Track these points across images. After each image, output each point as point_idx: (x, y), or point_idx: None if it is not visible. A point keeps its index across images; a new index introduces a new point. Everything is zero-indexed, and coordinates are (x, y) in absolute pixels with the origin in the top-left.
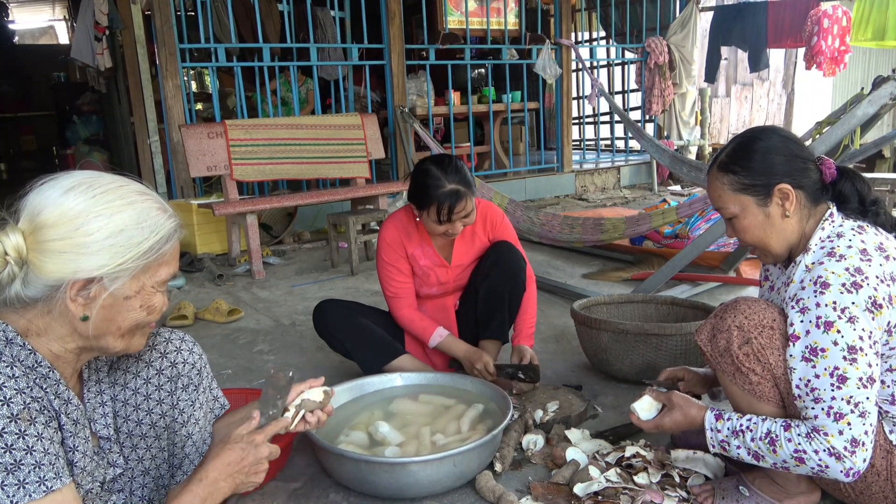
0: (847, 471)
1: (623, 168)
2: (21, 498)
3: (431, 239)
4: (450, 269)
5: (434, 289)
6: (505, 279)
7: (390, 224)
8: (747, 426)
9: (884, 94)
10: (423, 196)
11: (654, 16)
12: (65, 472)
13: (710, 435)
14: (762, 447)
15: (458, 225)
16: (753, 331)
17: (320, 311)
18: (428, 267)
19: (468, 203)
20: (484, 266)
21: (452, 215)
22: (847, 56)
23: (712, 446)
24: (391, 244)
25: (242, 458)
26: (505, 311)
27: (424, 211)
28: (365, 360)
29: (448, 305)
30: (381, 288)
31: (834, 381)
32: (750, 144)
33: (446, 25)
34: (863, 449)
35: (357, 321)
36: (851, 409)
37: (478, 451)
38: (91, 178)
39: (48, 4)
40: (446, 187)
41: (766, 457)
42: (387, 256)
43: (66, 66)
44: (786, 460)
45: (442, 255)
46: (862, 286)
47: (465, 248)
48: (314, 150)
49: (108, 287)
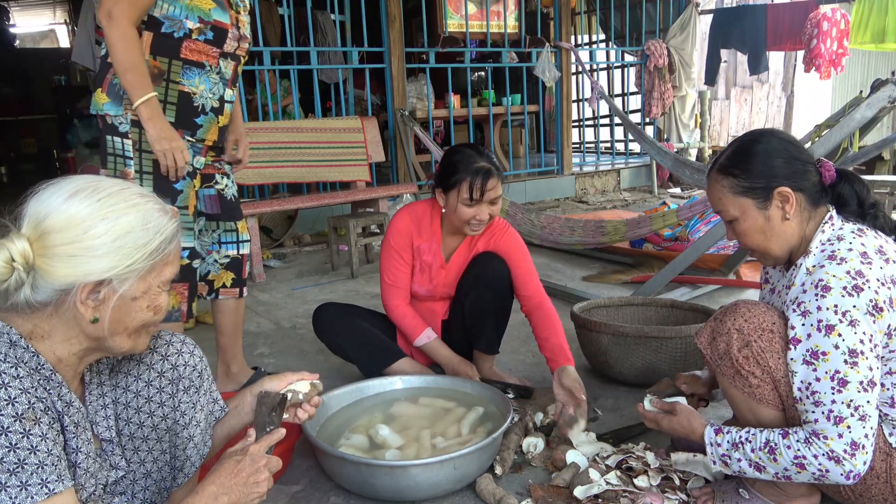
0: (847, 474)
1: (623, 171)
2: (23, 499)
3: (441, 238)
4: (445, 269)
5: (424, 288)
6: (487, 296)
7: (405, 213)
8: (746, 437)
9: (882, 97)
10: (453, 173)
11: (653, 19)
12: (66, 475)
13: (711, 450)
14: (762, 457)
15: (485, 212)
16: (753, 334)
17: (320, 315)
18: (427, 263)
19: (499, 185)
20: (467, 280)
21: (484, 193)
22: (845, 59)
23: (713, 462)
24: (401, 231)
25: (239, 469)
26: (491, 328)
27: (455, 190)
28: (365, 363)
29: (437, 311)
30: (380, 274)
31: (835, 385)
32: (749, 147)
33: (446, 28)
34: (863, 452)
35: (357, 324)
36: (851, 413)
37: (478, 454)
38: (93, 183)
39: (49, 8)
40: (479, 163)
41: (767, 467)
42: (394, 242)
43: (67, 69)
44: (787, 468)
45: (444, 255)
46: (863, 289)
47: (466, 253)
48: (314, 154)
49: (118, 289)
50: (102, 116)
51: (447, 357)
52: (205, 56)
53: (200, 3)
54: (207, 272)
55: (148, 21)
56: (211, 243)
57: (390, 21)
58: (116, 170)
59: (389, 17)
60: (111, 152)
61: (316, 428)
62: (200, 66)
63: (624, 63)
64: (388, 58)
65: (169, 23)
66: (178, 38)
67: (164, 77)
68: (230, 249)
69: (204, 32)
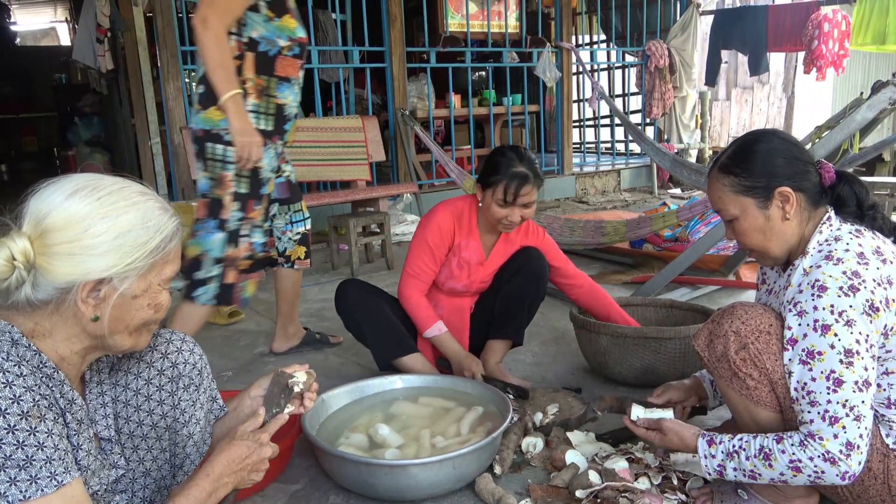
0: (843, 474)
1: (623, 171)
2: (34, 493)
3: (479, 234)
4: (484, 266)
5: (462, 284)
6: (530, 283)
7: (447, 209)
8: (740, 446)
9: (883, 98)
10: (493, 172)
11: (654, 19)
12: (73, 466)
13: (706, 462)
14: (757, 464)
15: (517, 214)
16: (750, 336)
17: (344, 289)
18: (466, 260)
19: (533, 191)
20: (510, 267)
21: (518, 197)
22: (846, 60)
23: (708, 473)
24: (442, 229)
25: (247, 456)
26: (524, 314)
27: (491, 189)
28: (378, 349)
29: (465, 307)
30: (406, 263)
31: (830, 385)
32: (751, 147)
33: (447, 28)
34: (858, 452)
35: (378, 307)
36: (847, 413)
37: (477, 454)
38: (93, 181)
39: (50, 6)
40: (518, 167)
41: (762, 473)
42: (431, 239)
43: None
44: (783, 472)
45: (484, 251)
46: (859, 289)
47: (504, 250)
48: (315, 153)
49: (118, 287)
50: (207, 129)
51: (455, 350)
52: (291, 70)
53: (287, 24)
54: (284, 249)
55: (249, 43)
56: (285, 224)
57: (391, 20)
58: (215, 173)
59: (390, 16)
60: (211, 157)
61: (315, 427)
62: (288, 81)
63: (624, 63)
64: (388, 57)
65: (265, 42)
66: (272, 56)
67: (265, 92)
68: (300, 227)
69: (292, 49)
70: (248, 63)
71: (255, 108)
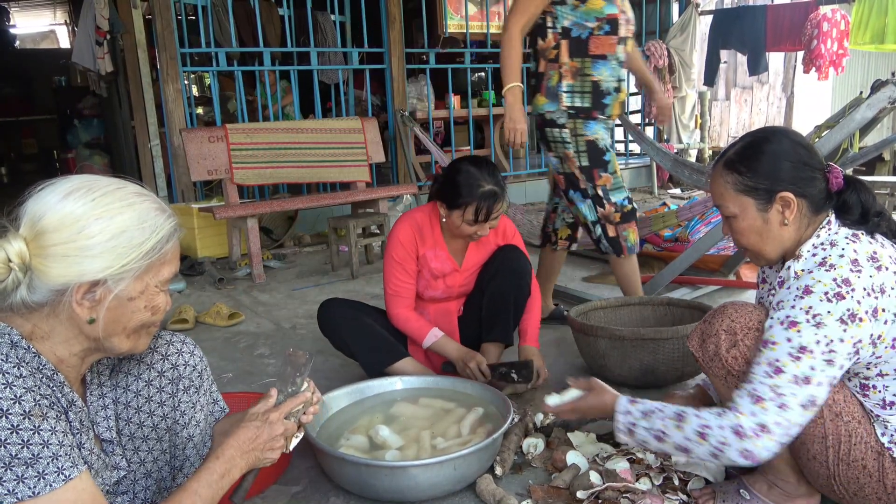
0: (745, 451)
1: (623, 171)
2: (42, 489)
3: (445, 242)
4: (459, 272)
5: (440, 292)
6: (511, 282)
7: (405, 223)
8: (660, 407)
9: (882, 97)
10: (459, 195)
11: (653, 19)
12: (79, 460)
13: (620, 418)
14: (669, 424)
15: (487, 227)
16: (740, 333)
17: (325, 309)
18: (438, 270)
19: (503, 205)
20: (489, 269)
21: (490, 216)
22: (845, 59)
23: (618, 430)
24: (404, 244)
25: (257, 436)
26: (510, 314)
27: (458, 210)
28: (368, 361)
29: (451, 310)
30: (384, 284)
31: (769, 370)
32: (759, 146)
33: (446, 29)
34: (769, 438)
35: (361, 321)
36: (772, 397)
37: (478, 455)
38: (89, 182)
39: (49, 9)
40: (485, 187)
41: (670, 435)
42: (397, 255)
43: (68, 69)
44: (688, 437)
45: (455, 258)
46: (844, 298)
47: (478, 252)
48: (315, 154)
49: (113, 289)
50: (542, 115)
51: (455, 349)
52: (606, 47)
53: (594, 6)
54: (556, 228)
55: (562, 32)
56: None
57: (390, 22)
58: (559, 153)
59: (390, 17)
60: (552, 139)
61: (316, 428)
62: (604, 58)
63: None
64: (388, 58)
65: (576, 28)
66: (585, 38)
67: (580, 73)
68: None
69: (602, 27)
70: (563, 49)
71: (569, 88)
